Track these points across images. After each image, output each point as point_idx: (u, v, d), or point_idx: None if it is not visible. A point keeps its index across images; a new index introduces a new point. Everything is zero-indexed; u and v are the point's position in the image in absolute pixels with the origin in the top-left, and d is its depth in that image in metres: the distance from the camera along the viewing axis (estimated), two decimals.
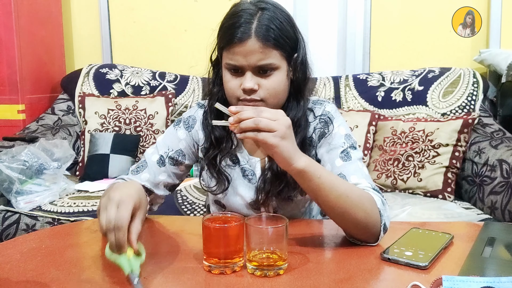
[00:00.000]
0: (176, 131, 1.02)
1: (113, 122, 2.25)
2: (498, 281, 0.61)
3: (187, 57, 2.58)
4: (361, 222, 0.81)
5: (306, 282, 0.68)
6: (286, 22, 0.89)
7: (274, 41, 0.86)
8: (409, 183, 1.90)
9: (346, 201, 0.80)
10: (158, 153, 1.00)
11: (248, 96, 0.88)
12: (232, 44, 0.87)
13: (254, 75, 0.88)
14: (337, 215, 0.81)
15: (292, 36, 0.90)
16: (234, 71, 0.90)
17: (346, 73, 2.46)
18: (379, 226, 0.82)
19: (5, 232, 1.67)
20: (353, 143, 0.95)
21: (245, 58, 0.86)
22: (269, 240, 0.72)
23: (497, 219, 1.59)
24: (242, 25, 0.86)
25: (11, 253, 0.81)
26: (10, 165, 1.76)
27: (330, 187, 0.79)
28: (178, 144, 1.01)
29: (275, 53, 0.87)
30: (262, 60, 0.87)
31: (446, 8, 2.33)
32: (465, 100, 2.09)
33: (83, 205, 1.74)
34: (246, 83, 0.87)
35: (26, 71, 2.33)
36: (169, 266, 0.75)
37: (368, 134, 2.06)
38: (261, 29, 0.85)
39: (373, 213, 0.81)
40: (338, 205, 0.80)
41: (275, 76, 0.89)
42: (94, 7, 2.66)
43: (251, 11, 0.87)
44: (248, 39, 0.85)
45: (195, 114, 1.04)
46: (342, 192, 0.80)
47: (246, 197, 1.00)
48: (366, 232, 0.82)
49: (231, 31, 0.87)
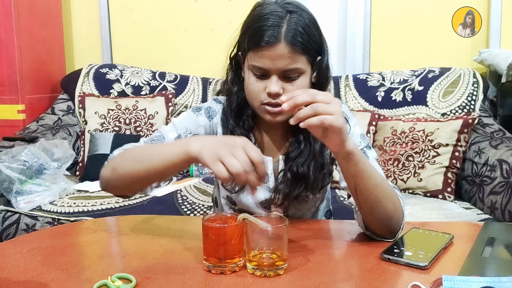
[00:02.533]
0: (196, 116, 1.00)
1: (113, 122, 2.25)
2: (499, 281, 0.61)
3: (187, 57, 2.58)
4: (389, 215, 0.82)
5: (306, 282, 0.68)
6: (312, 26, 0.88)
7: (302, 45, 0.86)
8: (409, 183, 1.90)
9: (381, 191, 0.81)
10: (176, 132, 0.96)
11: (272, 100, 0.88)
12: (261, 47, 0.85)
13: (280, 79, 0.88)
14: (370, 204, 0.82)
15: (317, 40, 0.89)
16: (259, 74, 0.89)
17: (346, 73, 2.46)
18: (401, 222, 0.84)
19: (5, 232, 1.67)
20: (368, 143, 0.96)
21: (273, 62, 0.86)
22: (269, 240, 0.71)
23: (497, 219, 1.59)
24: (271, 28, 0.85)
25: (11, 253, 0.81)
26: (10, 165, 1.76)
27: (370, 174, 0.80)
28: (197, 129, 0.99)
29: (302, 58, 0.87)
30: (290, 65, 0.86)
31: (446, 8, 2.33)
32: (465, 100, 2.09)
33: (83, 205, 1.74)
34: (272, 87, 0.87)
35: (26, 71, 2.33)
36: (169, 266, 0.75)
37: (368, 134, 2.06)
38: (290, 34, 0.84)
39: (399, 209, 0.83)
40: (375, 193, 0.80)
41: (299, 80, 0.88)
42: (94, 7, 2.66)
43: (280, 13, 0.86)
44: (277, 43, 0.84)
45: (215, 107, 1.02)
46: (379, 182, 0.81)
47: (258, 196, 0.99)
48: (389, 226, 0.83)
49: (260, 33, 0.85)
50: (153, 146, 0.89)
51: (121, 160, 0.86)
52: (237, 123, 0.97)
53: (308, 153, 0.94)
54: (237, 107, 0.97)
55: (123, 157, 0.87)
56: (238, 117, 0.98)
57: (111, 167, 0.87)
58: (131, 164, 0.84)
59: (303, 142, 0.95)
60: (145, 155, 0.84)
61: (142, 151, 0.87)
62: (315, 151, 0.94)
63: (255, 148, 0.72)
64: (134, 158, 0.85)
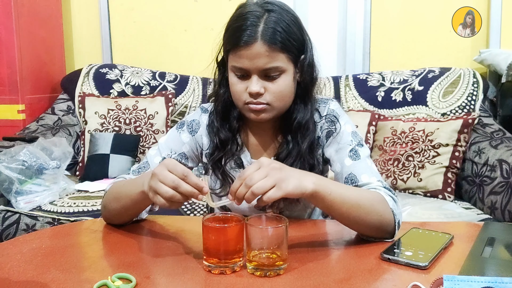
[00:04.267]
0: (179, 134, 1.02)
1: (113, 122, 2.25)
2: (500, 281, 0.61)
3: (187, 57, 2.58)
4: (376, 225, 0.82)
5: (306, 282, 0.68)
6: (292, 24, 0.88)
7: (280, 44, 0.85)
8: (409, 183, 1.90)
9: (359, 209, 0.80)
10: (160, 155, 0.99)
11: (254, 99, 0.88)
12: (238, 47, 0.86)
13: (260, 78, 0.88)
14: (351, 223, 0.83)
15: (299, 38, 0.89)
16: (240, 75, 0.89)
17: (346, 73, 2.46)
18: (393, 224, 0.84)
19: (5, 232, 1.67)
20: (360, 140, 0.95)
21: (251, 61, 0.86)
22: (269, 240, 0.71)
23: (497, 219, 1.59)
24: (248, 28, 0.85)
25: (11, 253, 0.81)
26: (9, 165, 1.76)
27: (341, 200, 0.79)
28: (181, 147, 1.01)
29: (281, 56, 0.87)
30: (268, 64, 0.86)
31: (446, 8, 2.33)
32: (465, 100, 2.09)
33: (83, 205, 1.74)
34: (252, 86, 0.87)
35: (26, 71, 2.33)
36: (169, 266, 0.75)
37: (368, 134, 2.06)
38: (267, 32, 0.84)
39: (386, 214, 0.83)
40: (353, 214, 0.81)
41: (281, 79, 0.88)
42: (94, 7, 2.66)
43: (257, 13, 0.86)
44: (254, 42, 0.84)
45: (199, 118, 1.03)
46: (353, 202, 0.80)
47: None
48: (381, 232, 0.84)
49: (237, 34, 0.86)
50: (125, 184, 0.92)
51: (107, 200, 0.94)
52: (221, 125, 0.98)
53: (296, 154, 0.94)
54: (223, 109, 0.97)
55: (108, 196, 0.94)
56: (224, 119, 0.98)
57: (103, 205, 0.95)
58: (112, 203, 0.92)
59: (291, 142, 0.94)
60: (119, 194, 0.90)
61: (118, 190, 0.92)
62: (303, 152, 0.94)
63: (171, 161, 0.75)
64: (114, 197, 0.92)
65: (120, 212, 0.91)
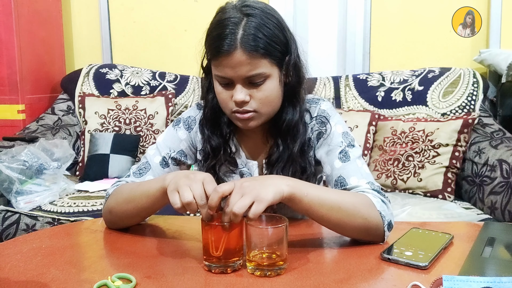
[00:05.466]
0: (176, 131, 1.01)
1: (113, 122, 2.25)
2: (499, 281, 0.61)
3: (187, 57, 2.57)
4: (361, 229, 0.81)
5: (306, 282, 0.68)
6: (274, 27, 0.85)
7: (262, 50, 0.82)
8: (409, 183, 1.90)
9: (339, 212, 0.79)
10: (160, 155, 0.99)
11: (240, 108, 0.87)
12: (219, 56, 0.83)
13: (245, 86, 0.86)
14: (333, 226, 0.82)
15: (282, 41, 0.86)
16: (224, 83, 0.87)
17: (346, 73, 2.46)
18: (382, 227, 0.82)
19: (5, 232, 1.67)
20: (351, 141, 0.93)
21: (233, 70, 0.83)
22: (269, 240, 0.71)
23: (497, 219, 1.59)
24: (227, 36, 0.81)
25: (11, 253, 0.81)
26: (10, 165, 1.76)
27: (319, 202, 0.78)
28: (179, 144, 1.00)
29: (264, 62, 0.84)
30: (250, 71, 0.83)
31: (446, 8, 2.33)
32: (465, 100, 2.09)
33: (83, 205, 1.74)
34: (237, 95, 0.85)
35: (26, 71, 2.33)
36: (169, 266, 0.75)
37: (368, 134, 2.06)
38: (247, 39, 0.81)
39: (372, 217, 0.81)
40: (333, 217, 0.79)
41: (266, 85, 0.86)
42: (94, 7, 2.66)
43: (235, 19, 0.83)
44: (234, 51, 0.81)
45: (195, 115, 1.02)
46: (333, 205, 0.79)
47: None
48: (368, 235, 0.82)
49: (217, 43, 0.83)
50: (139, 184, 0.91)
51: (115, 203, 0.91)
52: (212, 132, 0.97)
53: (287, 157, 0.93)
54: (212, 115, 0.96)
55: (117, 198, 0.92)
56: (214, 126, 0.96)
57: (108, 210, 0.93)
58: (123, 205, 0.90)
59: (282, 145, 0.93)
60: (132, 194, 0.89)
61: (130, 191, 0.90)
62: (293, 154, 0.93)
63: (212, 184, 0.74)
64: (125, 198, 0.90)
65: (132, 214, 0.89)
